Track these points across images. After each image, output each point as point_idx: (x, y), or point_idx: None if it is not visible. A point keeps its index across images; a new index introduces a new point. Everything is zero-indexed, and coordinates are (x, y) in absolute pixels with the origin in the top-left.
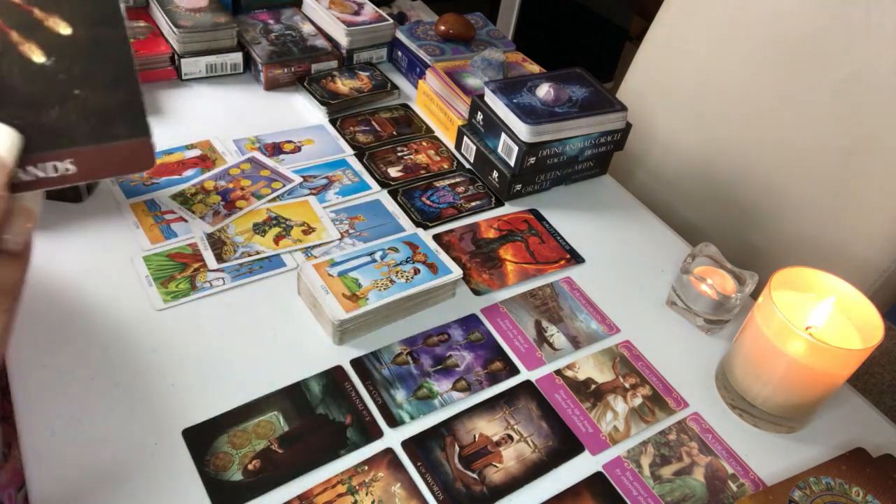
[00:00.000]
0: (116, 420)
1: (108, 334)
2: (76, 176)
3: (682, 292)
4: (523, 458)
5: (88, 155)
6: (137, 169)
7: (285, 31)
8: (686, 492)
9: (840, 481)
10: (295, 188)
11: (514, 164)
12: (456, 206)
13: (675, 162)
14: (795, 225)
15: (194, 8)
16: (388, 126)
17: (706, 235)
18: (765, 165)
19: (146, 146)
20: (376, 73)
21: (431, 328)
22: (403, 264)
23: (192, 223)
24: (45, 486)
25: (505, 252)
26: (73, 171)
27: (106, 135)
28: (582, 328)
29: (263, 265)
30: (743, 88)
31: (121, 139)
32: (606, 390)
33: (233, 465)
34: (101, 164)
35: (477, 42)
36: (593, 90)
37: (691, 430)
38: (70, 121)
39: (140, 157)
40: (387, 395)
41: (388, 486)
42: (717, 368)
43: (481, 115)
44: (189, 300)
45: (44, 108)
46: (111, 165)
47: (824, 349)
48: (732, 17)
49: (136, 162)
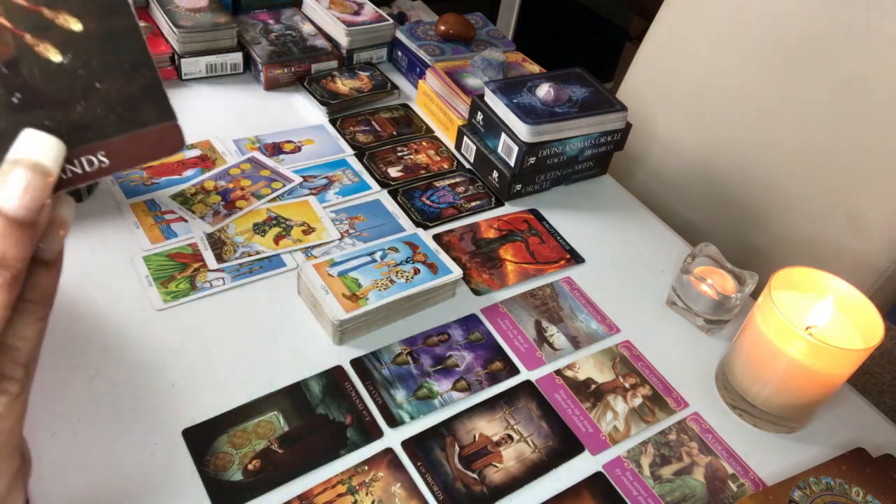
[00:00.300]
0: (116, 420)
1: (108, 334)
2: (110, 167)
3: (682, 292)
4: (523, 458)
5: (120, 145)
6: (169, 152)
7: (285, 31)
8: (686, 492)
9: (840, 481)
10: (295, 188)
11: (514, 164)
12: (456, 206)
13: (675, 162)
14: (795, 225)
15: (194, 8)
16: (388, 126)
17: (706, 235)
18: (765, 165)
19: (174, 128)
20: (376, 73)
21: (431, 328)
22: (403, 264)
23: (192, 223)
24: (45, 487)
25: (505, 252)
26: (107, 164)
27: (134, 122)
28: (582, 328)
29: (263, 265)
30: (743, 88)
31: (149, 125)
32: (606, 390)
33: (233, 465)
34: (133, 153)
35: (477, 42)
36: (593, 90)
37: (691, 430)
38: (97, 114)
39: (169, 140)
40: (387, 395)
41: (388, 486)
42: (717, 368)
43: (481, 115)
44: (189, 300)
45: (70, 106)
46: (143, 152)
47: (824, 349)
48: (732, 17)
49: (166, 145)
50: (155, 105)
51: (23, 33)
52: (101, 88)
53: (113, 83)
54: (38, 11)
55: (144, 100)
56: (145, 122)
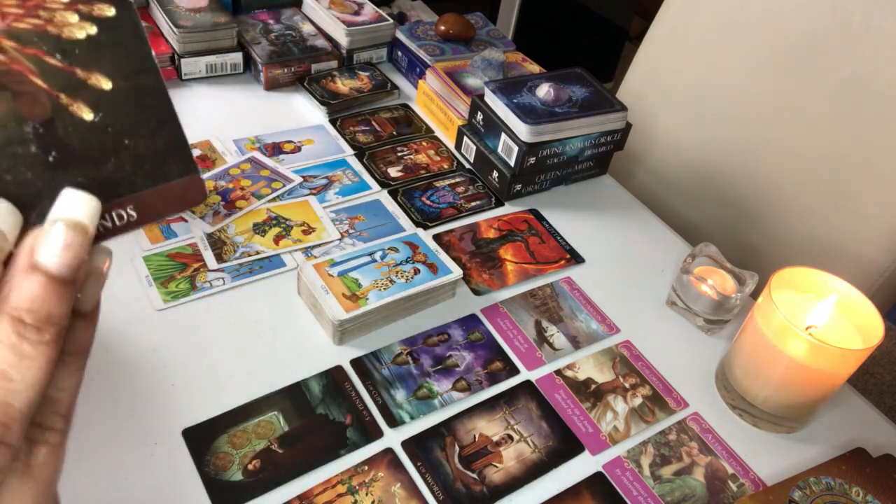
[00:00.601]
0: (116, 420)
1: (108, 334)
2: (138, 221)
3: (682, 292)
4: (523, 458)
5: (147, 198)
6: (191, 204)
7: (285, 31)
8: (686, 492)
9: (840, 481)
10: (295, 188)
11: (514, 164)
12: (456, 206)
13: (675, 162)
14: (795, 225)
15: (194, 8)
16: (388, 126)
17: (706, 235)
18: (765, 165)
19: (196, 181)
20: (376, 73)
21: (431, 328)
22: (403, 264)
23: (192, 223)
24: None
25: (505, 252)
26: (136, 217)
27: (160, 177)
28: (582, 328)
29: (263, 265)
30: (743, 88)
31: (174, 178)
32: (606, 390)
33: (233, 465)
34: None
35: (477, 42)
36: (593, 90)
37: (691, 430)
38: (126, 170)
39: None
40: (387, 395)
41: (388, 486)
42: (717, 368)
43: (481, 115)
44: (189, 300)
45: (101, 163)
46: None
47: (824, 349)
48: (732, 17)
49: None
50: (180, 159)
51: (58, 93)
52: (130, 144)
53: (140, 139)
54: (72, 72)
55: (170, 155)
56: (171, 176)
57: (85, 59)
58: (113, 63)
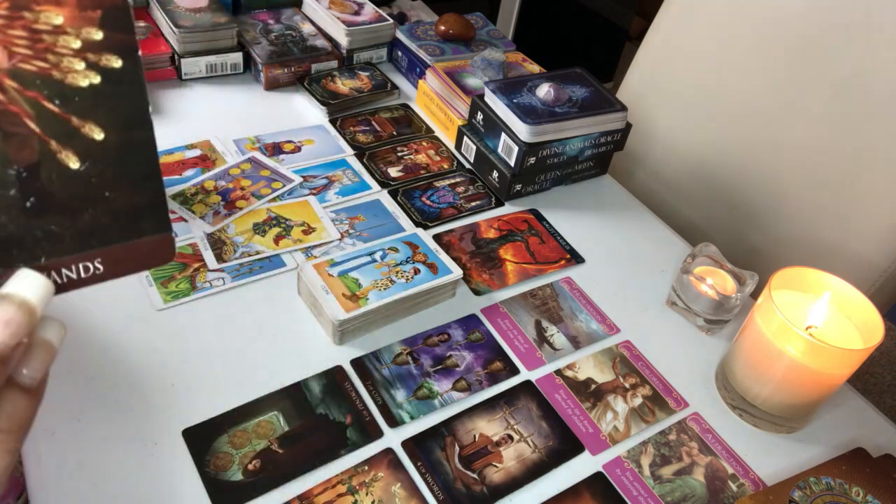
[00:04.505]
0: (116, 420)
1: (108, 334)
2: (103, 275)
3: (682, 292)
4: (523, 458)
5: (117, 253)
6: (159, 262)
7: (285, 31)
8: (686, 492)
9: (840, 481)
10: (295, 188)
11: (514, 164)
12: (456, 206)
13: (675, 162)
14: (795, 225)
15: (194, 8)
16: (388, 126)
17: (706, 235)
18: (765, 166)
19: (168, 240)
20: (376, 73)
21: (431, 328)
22: (403, 264)
23: (192, 223)
24: (46, 487)
25: (505, 252)
26: (101, 271)
27: (132, 232)
28: (582, 328)
29: (263, 265)
30: (743, 88)
31: (146, 235)
32: (606, 390)
33: (233, 465)
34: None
35: (477, 42)
36: (593, 90)
37: (691, 430)
38: (101, 222)
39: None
40: (387, 395)
41: (388, 486)
42: (717, 368)
43: (481, 115)
44: (189, 300)
45: (79, 212)
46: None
47: (824, 349)
48: (733, 17)
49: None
50: (155, 216)
51: (49, 139)
52: (111, 197)
53: (121, 193)
54: (67, 119)
55: (147, 211)
56: (143, 232)
57: (82, 108)
58: (109, 114)
